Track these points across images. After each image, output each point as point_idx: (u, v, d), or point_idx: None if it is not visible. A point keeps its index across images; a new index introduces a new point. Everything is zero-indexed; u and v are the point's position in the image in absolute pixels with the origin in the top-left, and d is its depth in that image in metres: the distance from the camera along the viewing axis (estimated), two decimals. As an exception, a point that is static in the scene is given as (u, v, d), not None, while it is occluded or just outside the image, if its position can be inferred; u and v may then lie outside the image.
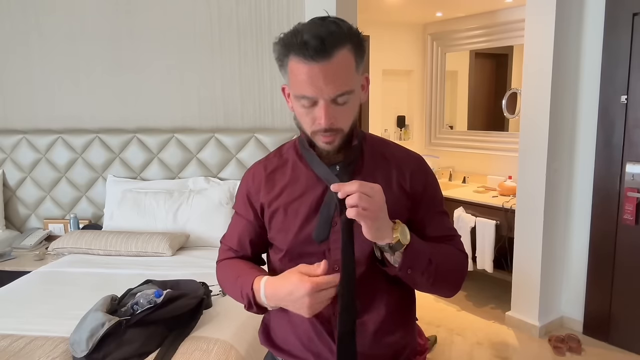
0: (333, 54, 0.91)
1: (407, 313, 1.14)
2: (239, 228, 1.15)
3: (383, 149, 1.11)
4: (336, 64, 0.92)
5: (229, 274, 1.15)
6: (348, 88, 0.95)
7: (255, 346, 1.76)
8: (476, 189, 3.93)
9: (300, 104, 0.97)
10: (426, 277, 1.00)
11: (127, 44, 3.07)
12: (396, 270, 0.98)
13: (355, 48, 0.96)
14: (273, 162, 1.13)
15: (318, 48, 0.90)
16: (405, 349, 1.12)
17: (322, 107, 0.94)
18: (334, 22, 0.94)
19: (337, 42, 0.92)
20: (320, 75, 0.92)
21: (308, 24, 0.95)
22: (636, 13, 2.61)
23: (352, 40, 0.95)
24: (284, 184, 1.09)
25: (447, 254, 1.06)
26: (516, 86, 3.96)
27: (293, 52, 0.93)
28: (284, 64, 0.96)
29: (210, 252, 2.58)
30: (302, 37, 0.91)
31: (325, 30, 0.91)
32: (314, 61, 0.91)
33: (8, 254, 2.84)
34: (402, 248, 0.95)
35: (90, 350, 1.54)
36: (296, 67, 0.93)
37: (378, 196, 0.91)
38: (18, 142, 3.17)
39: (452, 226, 1.13)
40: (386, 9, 3.96)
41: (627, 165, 2.72)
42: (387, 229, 0.94)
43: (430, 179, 1.10)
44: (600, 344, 2.90)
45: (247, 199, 1.13)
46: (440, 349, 2.88)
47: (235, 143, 2.94)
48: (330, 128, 0.96)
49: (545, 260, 2.96)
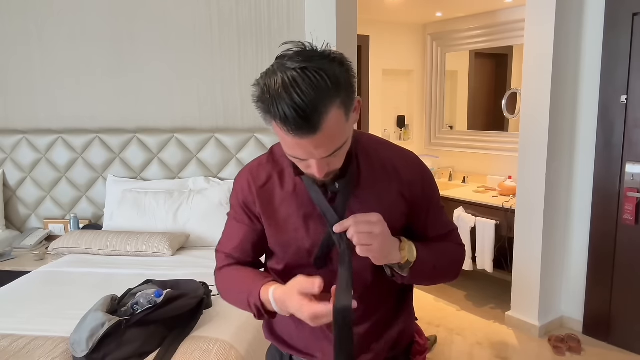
0: (320, 126, 0.82)
1: (405, 306, 1.16)
2: (239, 234, 1.10)
3: (379, 153, 1.06)
4: (325, 133, 0.83)
5: (231, 284, 1.11)
6: (340, 145, 0.88)
7: (255, 346, 1.77)
8: (476, 189, 3.93)
9: (291, 157, 0.92)
10: (430, 279, 1.08)
11: (127, 44, 3.07)
12: (404, 279, 1.01)
13: (346, 97, 0.85)
14: (267, 169, 1.07)
15: (302, 125, 0.81)
16: (403, 338, 1.15)
17: (314, 164, 0.89)
18: (317, 74, 0.81)
19: (324, 108, 0.81)
20: (309, 144, 0.84)
21: (287, 85, 0.81)
22: (636, 13, 2.61)
23: (340, 92, 0.84)
24: (281, 199, 1.05)
25: (449, 254, 1.10)
26: (516, 86, 3.96)
27: (274, 120, 0.84)
28: (266, 120, 0.87)
29: (210, 252, 2.55)
30: (282, 111, 0.80)
31: (308, 99, 0.79)
32: (299, 137, 0.83)
33: (8, 254, 2.84)
34: (411, 265, 0.98)
35: (90, 350, 1.54)
36: (281, 133, 0.85)
37: (378, 228, 0.91)
38: (18, 142, 3.17)
39: (448, 220, 1.14)
40: (386, 9, 3.96)
41: (627, 165, 2.72)
42: (394, 251, 0.96)
43: (428, 180, 1.09)
44: (600, 344, 2.90)
45: (245, 207, 1.08)
46: (440, 349, 2.88)
47: (235, 143, 2.94)
48: (325, 175, 0.93)
49: (545, 260, 2.96)
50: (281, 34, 2.89)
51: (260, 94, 0.86)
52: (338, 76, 0.84)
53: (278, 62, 0.86)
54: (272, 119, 0.85)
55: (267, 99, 0.83)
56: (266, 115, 0.86)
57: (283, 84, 0.81)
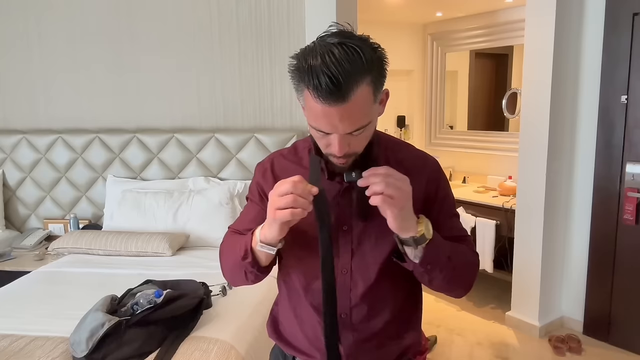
0: (349, 97, 0.85)
1: (412, 316, 1.14)
2: (253, 213, 1.13)
3: (398, 153, 1.08)
4: (353, 104, 0.86)
5: (233, 240, 1.12)
6: (364, 123, 0.91)
7: (255, 346, 1.77)
8: (476, 189, 3.93)
9: (314, 130, 0.94)
10: (444, 274, 1.00)
11: (127, 44, 3.07)
12: (416, 265, 0.97)
13: (376, 78, 0.90)
14: (288, 158, 1.12)
15: (333, 92, 0.84)
16: (409, 349, 1.13)
17: (336, 139, 0.91)
18: (354, 49, 0.86)
19: (355, 81, 0.85)
20: (335, 115, 0.87)
21: (324, 55, 0.85)
22: (636, 13, 2.61)
23: (372, 70, 0.88)
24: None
25: (464, 253, 1.07)
26: (516, 86, 3.96)
27: (307, 87, 0.87)
28: (299, 90, 0.91)
29: (210, 252, 2.58)
30: (316, 78, 0.84)
31: (342, 69, 0.83)
32: (327, 104, 0.86)
33: (8, 254, 2.84)
34: (425, 242, 0.95)
35: (90, 350, 1.54)
36: (311, 101, 0.88)
37: (406, 186, 0.91)
38: (18, 142, 3.17)
39: (463, 227, 1.13)
40: (386, 9, 3.96)
41: (627, 165, 2.71)
42: (412, 221, 0.94)
43: (444, 184, 1.10)
44: (600, 344, 2.90)
45: (260, 189, 1.12)
46: (440, 349, 2.88)
47: (235, 143, 2.93)
48: (344, 155, 0.94)
49: (545, 260, 2.96)
50: (281, 34, 2.89)
51: (297, 63, 0.89)
52: (372, 57, 0.88)
53: (318, 39, 0.90)
54: (305, 87, 0.88)
55: (303, 67, 0.87)
56: (299, 84, 0.89)
57: (321, 55, 0.85)
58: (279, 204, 0.90)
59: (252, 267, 1.03)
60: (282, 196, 0.90)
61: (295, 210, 0.90)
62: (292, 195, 0.89)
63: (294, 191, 0.89)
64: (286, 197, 0.90)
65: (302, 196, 0.90)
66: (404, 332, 1.11)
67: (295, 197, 0.89)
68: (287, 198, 0.89)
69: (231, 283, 1.17)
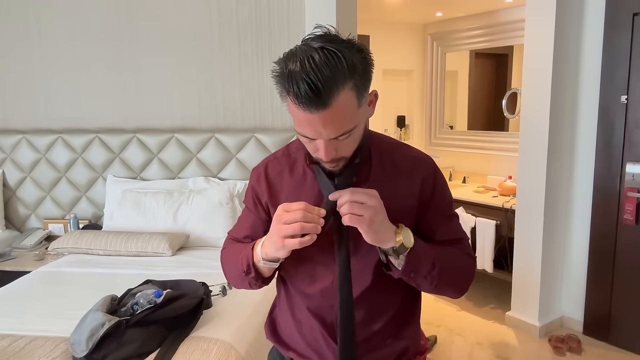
0: (330, 103, 0.84)
1: (411, 317, 1.14)
2: (250, 221, 1.15)
3: (393, 154, 1.07)
4: (335, 110, 0.85)
5: (230, 251, 1.16)
6: (349, 127, 0.89)
7: (255, 346, 1.77)
8: (476, 189, 3.93)
9: (301, 136, 0.94)
10: (429, 280, 1.00)
11: (127, 44, 3.07)
12: (399, 273, 0.98)
13: (359, 82, 0.88)
14: (280, 162, 1.11)
15: (313, 99, 0.83)
16: (407, 350, 1.13)
17: (322, 145, 0.91)
18: (334, 54, 0.84)
19: (336, 87, 0.83)
20: (318, 121, 0.86)
21: (304, 60, 0.83)
22: (636, 13, 2.61)
23: (354, 74, 0.86)
24: (290, 188, 1.08)
25: (453, 258, 1.06)
26: (516, 86, 3.96)
27: (288, 94, 0.87)
28: (282, 96, 0.90)
29: (210, 252, 2.57)
30: (296, 85, 0.83)
31: (322, 75, 0.82)
32: (309, 111, 0.85)
33: (8, 254, 2.84)
34: (406, 252, 0.95)
35: (90, 350, 1.54)
36: (293, 108, 0.88)
37: (372, 201, 0.91)
38: (18, 142, 3.17)
39: (461, 229, 1.12)
40: (386, 9, 3.97)
41: (627, 165, 2.72)
42: (388, 232, 0.94)
43: (440, 184, 1.08)
44: (600, 344, 2.90)
45: (255, 196, 1.13)
46: (440, 349, 2.88)
47: (235, 143, 2.93)
48: (331, 160, 0.94)
49: (545, 260, 2.96)
50: (281, 34, 2.89)
51: (279, 69, 0.88)
52: (354, 61, 0.86)
53: (302, 43, 0.89)
54: (286, 94, 0.87)
55: (284, 73, 0.86)
56: (282, 90, 0.89)
57: (301, 60, 0.84)
58: (286, 232, 0.92)
59: (255, 281, 1.07)
60: (289, 224, 0.92)
61: (304, 239, 0.92)
62: (299, 223, 0.91)
63: (302, 219, 0.91)
64: (293, 225, 0.91)
65: (312, 222, 0.92)
66: (403, 333, 1.11)
67: (303, 225, 0.91)
68: (295, 226, 0.91)
69: (236, 288, 1.19)
